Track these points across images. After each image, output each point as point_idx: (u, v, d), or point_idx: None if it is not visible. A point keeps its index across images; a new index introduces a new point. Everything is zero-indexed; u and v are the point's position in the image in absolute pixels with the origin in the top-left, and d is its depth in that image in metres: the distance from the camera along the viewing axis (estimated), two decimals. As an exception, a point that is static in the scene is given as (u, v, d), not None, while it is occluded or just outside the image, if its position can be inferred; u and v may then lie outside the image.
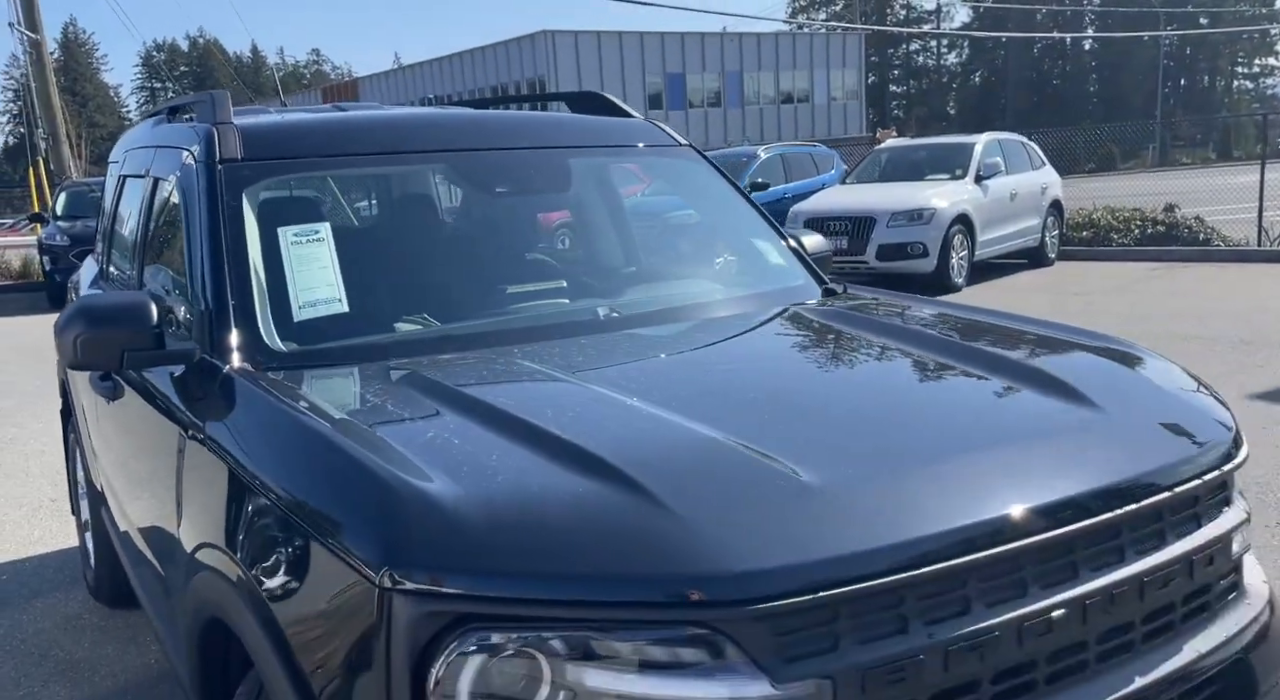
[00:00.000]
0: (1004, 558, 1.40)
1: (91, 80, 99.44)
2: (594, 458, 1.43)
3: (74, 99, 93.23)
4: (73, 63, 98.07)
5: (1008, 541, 1.40)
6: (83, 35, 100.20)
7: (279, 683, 1.44)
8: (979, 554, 1.37)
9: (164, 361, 2.07)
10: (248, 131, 2.40)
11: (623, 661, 1.24)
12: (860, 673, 1.27)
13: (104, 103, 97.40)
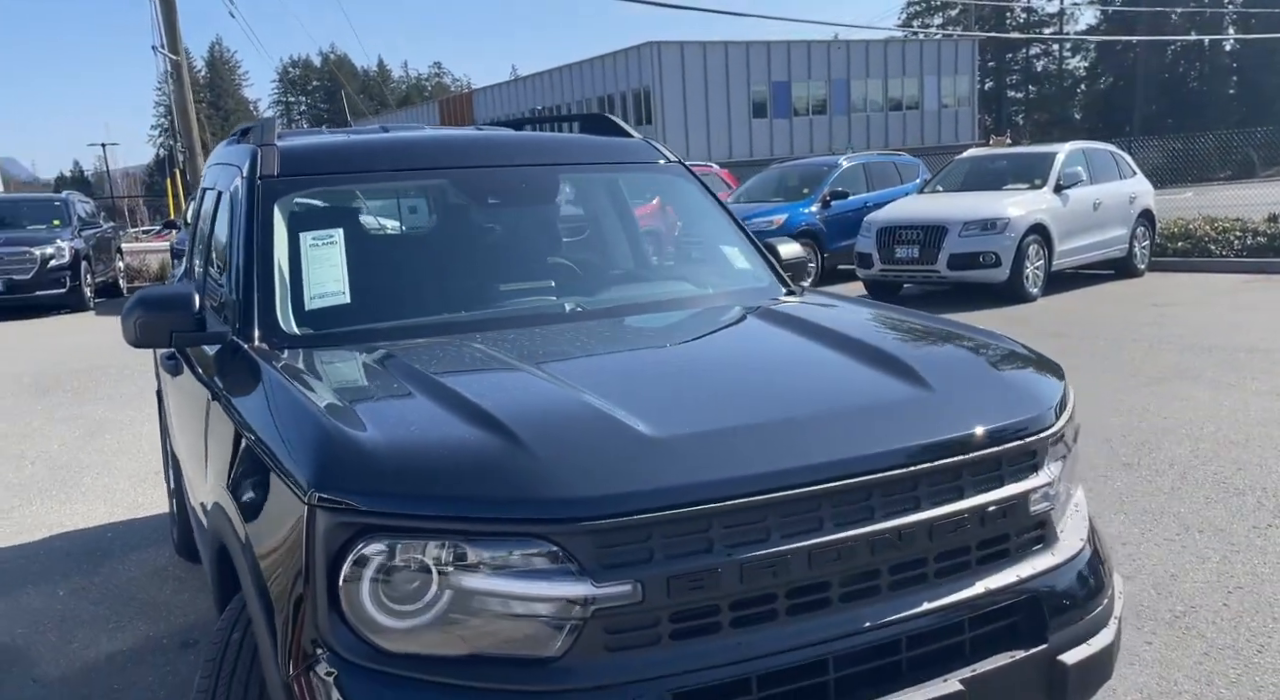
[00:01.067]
0: (801, 498, 1.76)
1: (234, 95, 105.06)
2: (486, 414, 1.85)
3: (217, 113, 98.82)
4: (217, 79, 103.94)
5: (806, 485, 1.76)
6: (227, 53, 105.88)
7: (250, 588, 1.91)
8: (778, 493, 1.74)
9: (203, 341, 2.59)
10: (285, 152, 2.93)
11: (487, 565, 1.66)
12: (666, 579, 1.66)
13: (244, 116, 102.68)
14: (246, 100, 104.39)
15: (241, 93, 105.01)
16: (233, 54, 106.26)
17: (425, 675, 1.63)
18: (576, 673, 1.63)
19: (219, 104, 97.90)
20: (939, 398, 2.05)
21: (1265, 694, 2.94)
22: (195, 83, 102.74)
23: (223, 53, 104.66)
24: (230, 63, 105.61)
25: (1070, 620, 2.02)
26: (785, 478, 1.76)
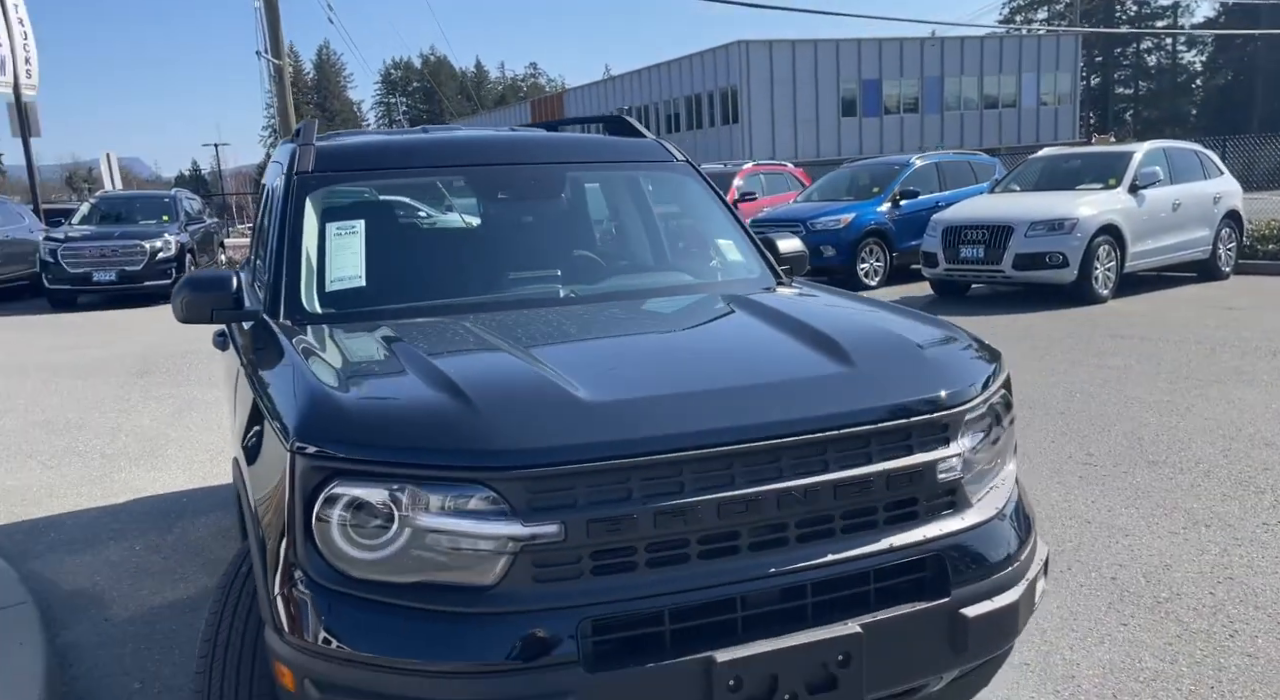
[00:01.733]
0: (713, 457, 2.00)
1: (339, 97, 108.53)
2: (448, 379, 2.14)
3: (323, 114, 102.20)
4: (324, 82, 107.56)
5: (718, 446, 2.01)
6: (333, 57, 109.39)
7: (250, 524, 2.24)
8: (691, 452, 1.99)
9: (237, 318, 2.96)
10: (320, 150, 3.29)
11: (437, 507, 1.95)
12: (586, 522, 1.92)
13: (348, 118, 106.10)
14: (351, 101, 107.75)
15: (346, 94, 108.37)
16: (339, 57, 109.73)
17: (382, 597, 1.93)
18: (508, 599, 1.91)
19: (325, 105, 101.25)
20: (857, 374, 2.27)
21: (1225, 674, 3.05)
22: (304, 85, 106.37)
23: (329, 56, 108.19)
24: (336, 65, 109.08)
25: (974, 578, 2.20)
26: (699, 439, 2.00)
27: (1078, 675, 3.09)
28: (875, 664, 2.05)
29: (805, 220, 13.16)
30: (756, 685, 1.96)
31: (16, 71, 16.42)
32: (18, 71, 16.44)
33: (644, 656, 1.92)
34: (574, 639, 1.88)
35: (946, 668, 2.21)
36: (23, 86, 16.72)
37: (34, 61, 17.43)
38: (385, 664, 1.88)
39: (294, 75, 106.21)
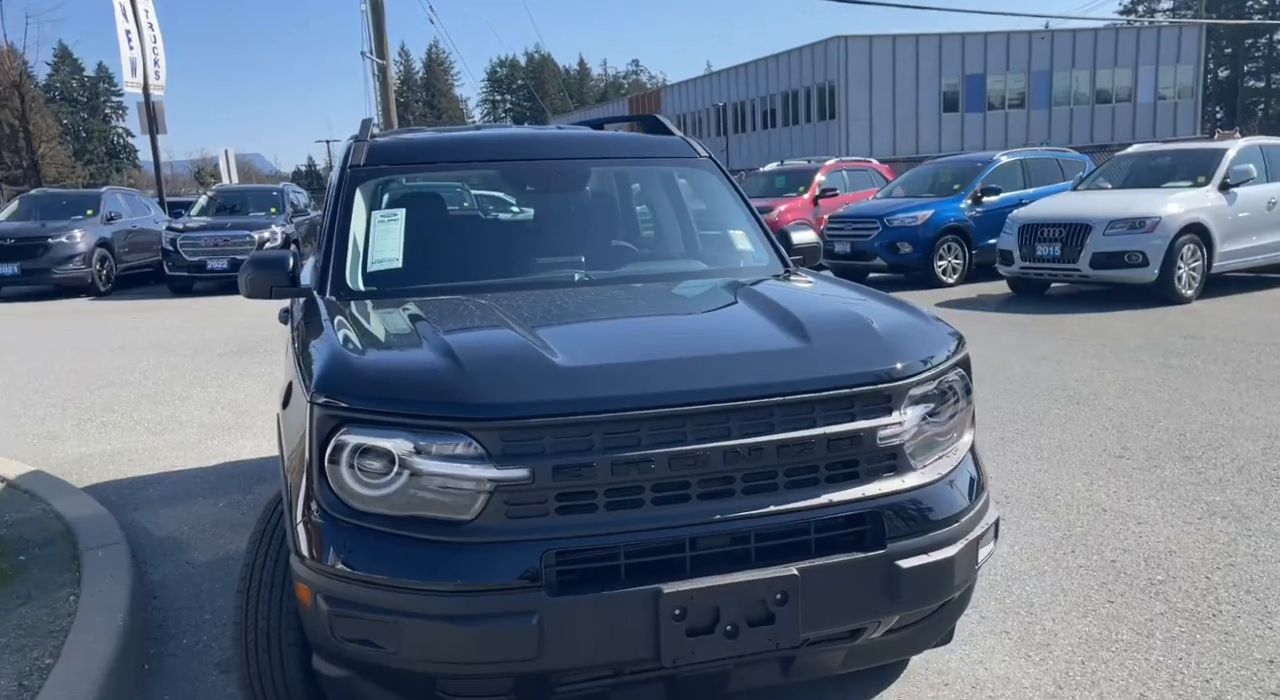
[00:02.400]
0: (668, 416, 2.30)
1: (446, 94, 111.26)
2: (446, 345, 2.48)
3: (431, 111, 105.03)
4: (433, 80, 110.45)
5: (673, 407, 2.30)
6: (442, 56, 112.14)
7: (281, 465, 2.63)
8: (648, 411, 2.29)
9: (291, 294, 3.37)
10: (373, 146, 3.70)
11: (428, 451, 2.28)
12: (551, 467, 2.24)
13: (455, 114, 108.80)
14: (458, 99, 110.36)
15: (454, 92, 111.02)
16: (447, 55, 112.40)
17: (381, 527, 2.27)
18: (484, 531, 2.24)
19: (433, 102, 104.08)
20: (810, 349, 2.53)
21: (1197, 648, 3.19)
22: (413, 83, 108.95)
23: (439, 55, 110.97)
24: (444, 64, 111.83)
25: (911, 534, 2.43)
26: (655, 400, 2.30)
27: (1053, 643, 3.28)
28: (811, 604, 2.31)
29: (882, 216, 13.21)
30: (700, 616, 2.25)
31: (146, 73, 17.67)
32: (147, 73, 17.68)
33: (599, 585, 2.22)
34: (539, 567, 2.20)
35: (883, 614, 2.45)
36: (151, 87, 17.99)
37: (162, 64, 18.69)
38: (382, 582, 2.23)
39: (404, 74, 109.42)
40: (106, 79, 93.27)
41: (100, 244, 16.52)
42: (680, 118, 56.45)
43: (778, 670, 2.55)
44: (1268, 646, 3.19)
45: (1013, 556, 3.99)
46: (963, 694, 3.00)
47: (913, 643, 2.76)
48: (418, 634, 2.19)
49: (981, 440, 5.55)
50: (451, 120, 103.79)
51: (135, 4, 17.57)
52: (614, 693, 2.43)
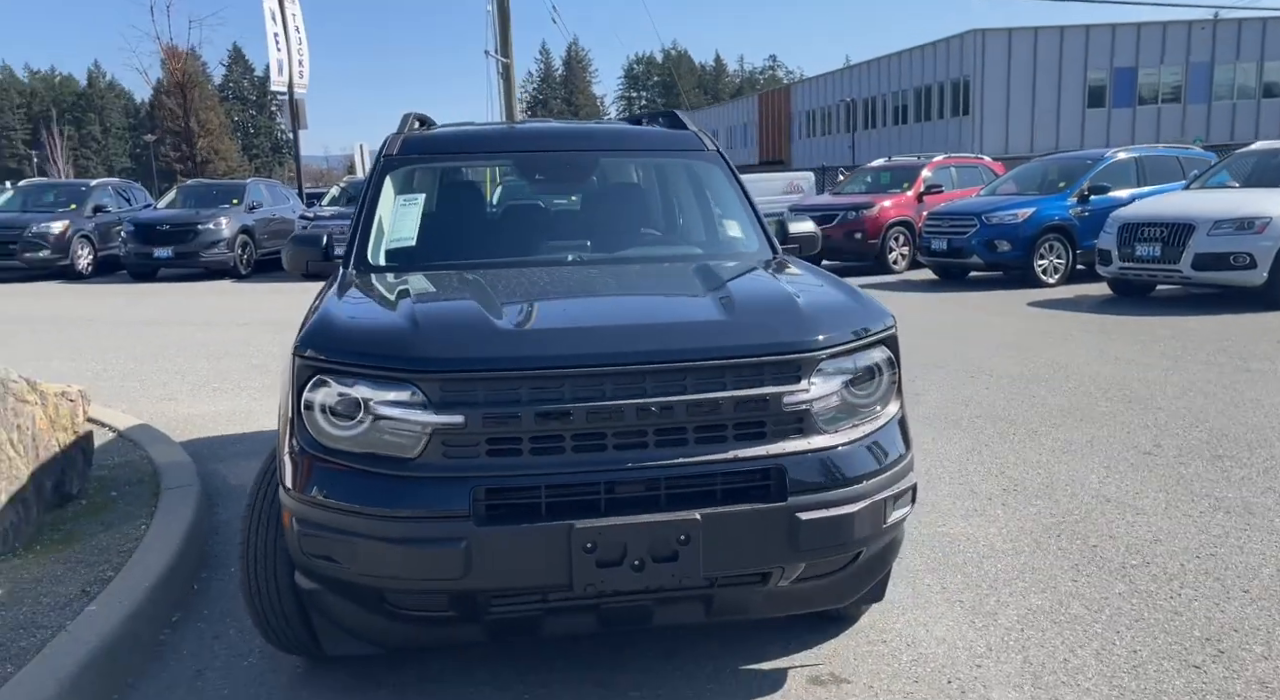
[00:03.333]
0: (589, 374, 2.63)
1: (584, 92, 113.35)
2: (412, 311, 2.88)
3: (568, 108, 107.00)
4: (571, 77, 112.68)
5: (594, 367, 2.63)
6: (581, 53, 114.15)
7: (278, 409, 3.07)
8: (571, 369, 2.62)
9: (324, 269, 3.85)
10: (407, 138, 4.15)
11: (385, 399, 2.68)
12: (481, 415, 2.60)
13: (591, 112, 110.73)
14: (595, 96, 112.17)
15: (591, 89, 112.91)
16: (586, 53, 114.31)
17: (343, 462, 2.67)
18: (424, 468, 2.61)
19: (570, 99, 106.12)
20: (730, 321, 2.82)
21: (1141, 624, 3.31)
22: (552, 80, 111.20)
23: (578, 52, 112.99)
24: (583, 61, 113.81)
25: (813, 490, 2.69)
26: (578, 360, 2.64)
27: (1000, 613, 3.45)
28: (713, 546, 2.60)
29: (980, 214, 13.04)
30: (609, 550, 2.57)
31: (291, 73, 19.03)
32: (292, 73, 19.05)
33: (520, 519, 2.57)
34: (469, 501, 2.56)
35: (784, 561, 2.71)
36: (296, 86, 19.37)
37: (306, 64, 20.06)
38: (340, 508, 2.64)
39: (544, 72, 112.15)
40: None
41: (242, 231, 17.87)
42: (810, 114, 56.01)
43: (700, 610, 2.85)
44: (1211, 627, 3.29)
45: (996, 538, 4.14)
46: (896, 650, 3.22)
47: (834, 593, 2.99)
48: (366, 551, 2.59)
49: (1012, 433, 5.66)
50: (588, 116, 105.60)
51: (284, 9, 18.93)
52: (547, 618, 2.78)
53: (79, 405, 4.51)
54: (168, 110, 50.38)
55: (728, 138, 66.67)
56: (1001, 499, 4.62)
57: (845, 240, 15.08)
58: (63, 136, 60.76)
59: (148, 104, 63.83)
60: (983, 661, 3.13)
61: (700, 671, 3.11)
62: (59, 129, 62.94)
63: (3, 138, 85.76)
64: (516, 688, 3.03)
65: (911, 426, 3.06)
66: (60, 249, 17.35)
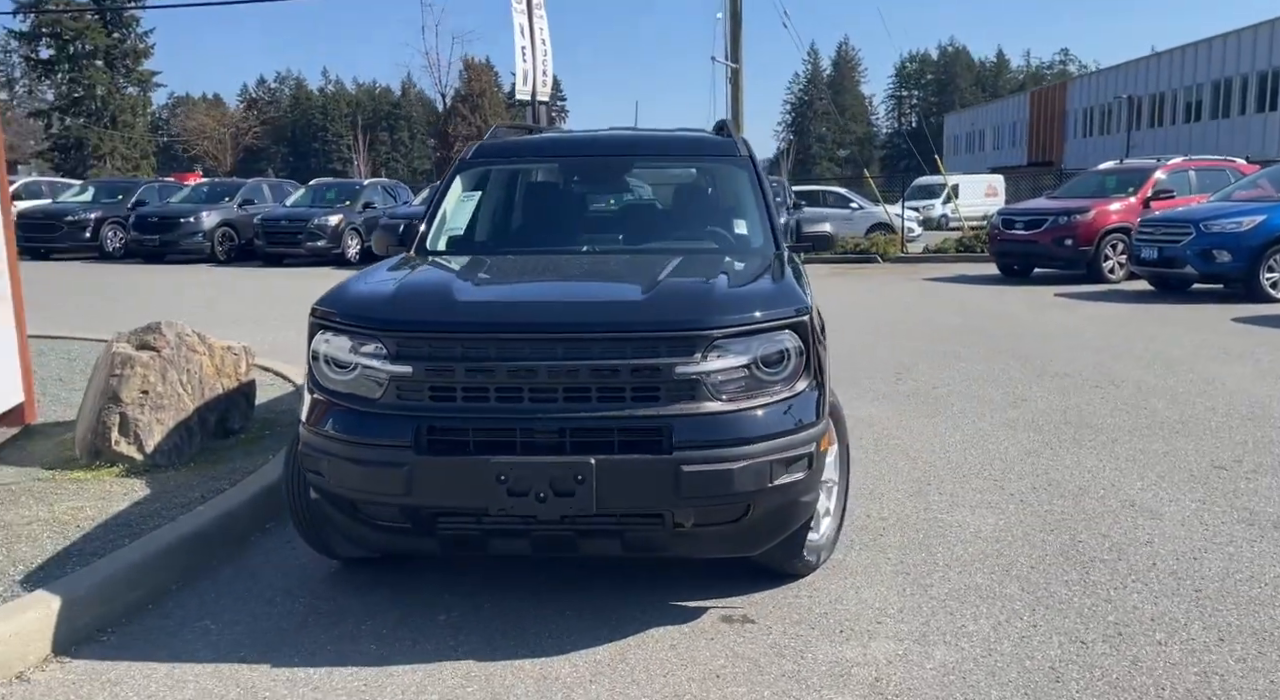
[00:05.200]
0: (512, 339, 3.24)
1: (852, 92, 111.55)
2: (402, 283, 3.61)
3: (834, 109, 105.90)
4: (840, 78, 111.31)
5: (517, 333, 3.24)
6: (852, 53, 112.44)
7: None
8: (498, 334, 3.25)
9: (399, 252, 4.66)
10: (483, 145, 4.93)
11: (363, 350, 3.40)
12: (425, 366, 3.28)
13: (857, 112, 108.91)
14: (862, 96, 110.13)
15: (859, 89, 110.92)
16: (856, 52, 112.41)
17: (333, 400, 3.44)
18: (384, 407, 3.31)
19: (838, 102, 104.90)
20: (643, 302, 3.34)
21: (1063, 607, 3.47)
22: (819, 82, 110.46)
23: (848, 52, 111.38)
24: (852, 61, 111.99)
25: (698, 447, 3.14)
26: (505, 327, 3.27)
27: (937, 587, 3.70)
28: (605, 487, 3.13)
29: (1199, 221, 12.11)
30: (518, 483, 3.16)
31: (535, 82, 20.74)
32: (535, 82, 20.75)
33: (452, 452, 3.23)
34: (412, 434, 3.25)
35: (670, 505, 3.18)
36: (538, 94, 21.08)
37: (549, 74, 21.74)
38: (325, 434, 3.40)
39: (811, 72, 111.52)
40: (556, 86, 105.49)
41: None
42: (1087, 112, 52.30)
43: (618, 544, 3.38)
44: (1129, 615, 3.39)
45: (988, 528, 4.31)
46: (814, 603, 3.59)
47: (737, 542, 3.41)
48: (337, 468, 3.34)
49: (1089, 440, 5.61)
50: (853, 118, 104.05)
51: (532, 23, 20.67)
52: (491, 539, 3.42)
53: (242, 358, 5.64)
54: (461, 116, 55.43)
55: (994, 138, 63.63)
56: (1023, 496, 4.73)
57: (1054, 246, 14.47)
58: (366, 141, 68.01)
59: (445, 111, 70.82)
60: (883, 619, 3.44)
61: (636, 602, 3.62)
62: (370, 135, 70.78)
63: (331, 143, 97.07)
64: (480, 597, 3.68)
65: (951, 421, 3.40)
66: (334, 239, 20.04)
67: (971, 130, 70.10)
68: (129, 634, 3.41)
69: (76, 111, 54.37)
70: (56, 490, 4.56)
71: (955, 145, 71.70)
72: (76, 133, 53.93)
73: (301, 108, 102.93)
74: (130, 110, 55.98)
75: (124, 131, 54.99)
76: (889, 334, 10.06)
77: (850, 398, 6.86)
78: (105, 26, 53.81)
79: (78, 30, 52.89)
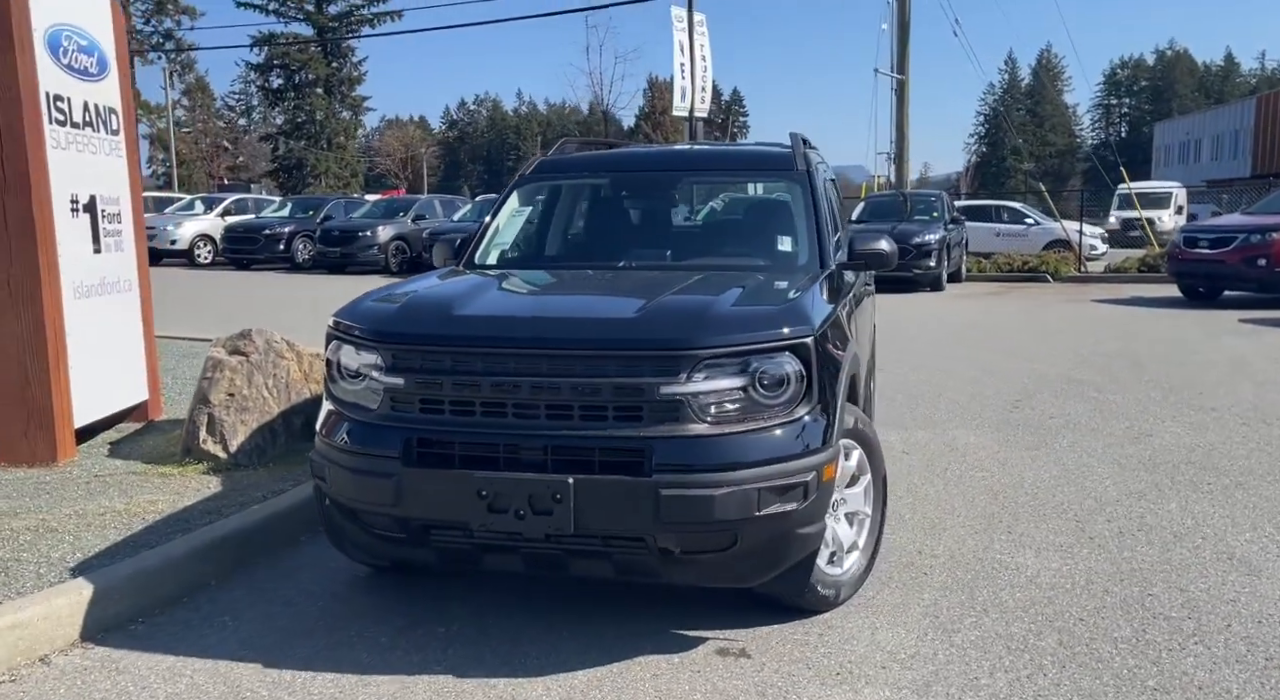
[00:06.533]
0: (498, 354, 3.21)
1: (1052, 101, 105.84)
2: (413, 297, 3.64)
3: (1032, 120, 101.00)
4: (1039, 87, 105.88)
5: (504, 349, 3.21)
6: (1054, 60, 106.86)
7: None
8: (484, 349, 3.23)
9: (487, 267, 4.69)
10: (543, 161, 4.96)
11: (365, 362, 3.43)
12: (416, 379, 3.29)
13: (1059, 121, 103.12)
14: (1065, 105, 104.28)
15: (1061, 98, 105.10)
16: (1060, 59, 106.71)
17: (341, 409, 3.50)
18: (380, 418, 3.35)
19: (1035, 110, 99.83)
20: (634, 320, 3.23)
21: (1106, 679, 3.10)
22: (1017, 91, 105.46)
23: (1050, 59, 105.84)
24: (1055, 68, 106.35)
25: (679, 470, 3.01)
26: (491, 342, 3.24)
27: (961, 633, 3.40)
28: (583, 507, 3.05)
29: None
30: (498, 499, 3.12)
31: (693, 99, 20.83)
32: (694, 99, 20.84)
33: (438, 465, 3.23)
34: (401, 446, 3.27)
35: (649, 529, 3.06)
36: (696, 110, 21.17)
37: (708, 89, 21.80)
38: (329, 442, 3.46)
39: (1008, 82, 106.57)
40: (738, 101, 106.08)
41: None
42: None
43: (609, 567, 3.29)
44: (1178, 680, 3.00)
45: (1051, 574, 3.93)
46: (823, 641, 3.37)
47: (729, 572, 3.24)
48: (337, 476, 3.41)
49: (1209, 484, 5.03)
50: (1053, 128, 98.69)
51: (693, 40, 20.76)
52: (485, 555, 3.39)
53: (332, 367, 5.90)
54: (644, 133, 56.52)
55: (1212, 148, 58.71)
56: (1103, 540, 4.28)
57: (1244, 267, 13.13)
58: (547, 158, 70.19)
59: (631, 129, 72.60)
60: (890, 665, 3.19)
61: (636, 628, 3.50)
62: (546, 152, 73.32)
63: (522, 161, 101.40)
64: (488, 612, 3.67)
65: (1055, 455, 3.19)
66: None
67: (1186, 139, 64.90)
68: (156, 625, 3.60)
69: (298, 135, 58.94)
70: (142, 484, 4.90)
71: (1167, 156, 66.64)
72: (298, 154, 58.46)
73: (497, 128, 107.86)
74: (343, 132, 60.20)
75: (337, 152, 59.16)
76: (1023, 357, 9.42)
77: (952, 424, 6.48)
78: (326, 57, 58.17)
79: (302, 61, 57.44)
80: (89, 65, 5.61)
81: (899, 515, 4.62)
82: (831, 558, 3.62)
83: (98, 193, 5.68)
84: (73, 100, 5.43)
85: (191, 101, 67.15)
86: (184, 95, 63.32)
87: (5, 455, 5.16)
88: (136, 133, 6.23)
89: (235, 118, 68.28)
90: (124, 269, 5.98)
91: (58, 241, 5.24)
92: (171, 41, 57.15)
